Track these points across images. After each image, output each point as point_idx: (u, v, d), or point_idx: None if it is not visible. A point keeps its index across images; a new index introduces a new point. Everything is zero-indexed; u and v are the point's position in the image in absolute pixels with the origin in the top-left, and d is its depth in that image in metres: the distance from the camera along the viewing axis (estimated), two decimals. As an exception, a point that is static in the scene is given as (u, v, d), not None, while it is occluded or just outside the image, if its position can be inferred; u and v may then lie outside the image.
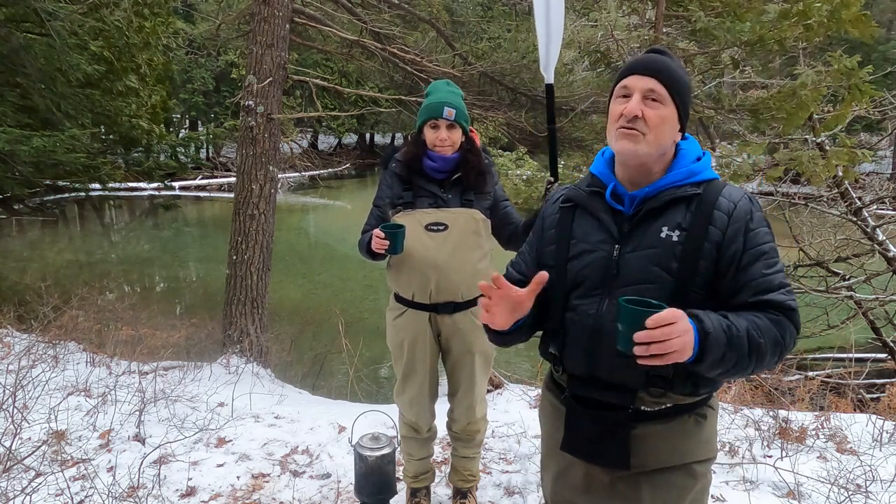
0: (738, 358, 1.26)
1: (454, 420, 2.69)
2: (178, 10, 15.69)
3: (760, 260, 1.35)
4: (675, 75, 1.40)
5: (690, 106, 1.45)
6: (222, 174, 24.11)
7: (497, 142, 10.70)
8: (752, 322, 1.30)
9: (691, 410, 1.44)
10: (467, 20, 8.83)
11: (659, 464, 1.43)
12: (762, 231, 1.37)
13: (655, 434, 1.41)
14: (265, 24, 5.39)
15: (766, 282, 1.34)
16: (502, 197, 2.58)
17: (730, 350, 1.25)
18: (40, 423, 3.46)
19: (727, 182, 1.44)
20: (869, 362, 6.06)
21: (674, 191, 1.39)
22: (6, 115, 7.83)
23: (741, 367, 1.28)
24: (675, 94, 1.39)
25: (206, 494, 2.97)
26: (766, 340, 1.28)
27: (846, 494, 2.74)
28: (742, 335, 1.27)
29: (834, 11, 4.75)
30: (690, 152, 1.44)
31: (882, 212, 8.77)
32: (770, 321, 1.31)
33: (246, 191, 5.48)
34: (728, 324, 1.27)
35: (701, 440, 1.46)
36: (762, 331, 1.29)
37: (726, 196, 1.38)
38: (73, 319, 5.56)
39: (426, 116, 2.39)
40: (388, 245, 2.24)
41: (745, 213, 1.37)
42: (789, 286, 1.36)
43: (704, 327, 1.24)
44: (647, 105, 1.37)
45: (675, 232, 1.36)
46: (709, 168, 1.44)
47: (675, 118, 1.40)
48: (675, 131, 1.41)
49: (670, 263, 1.36)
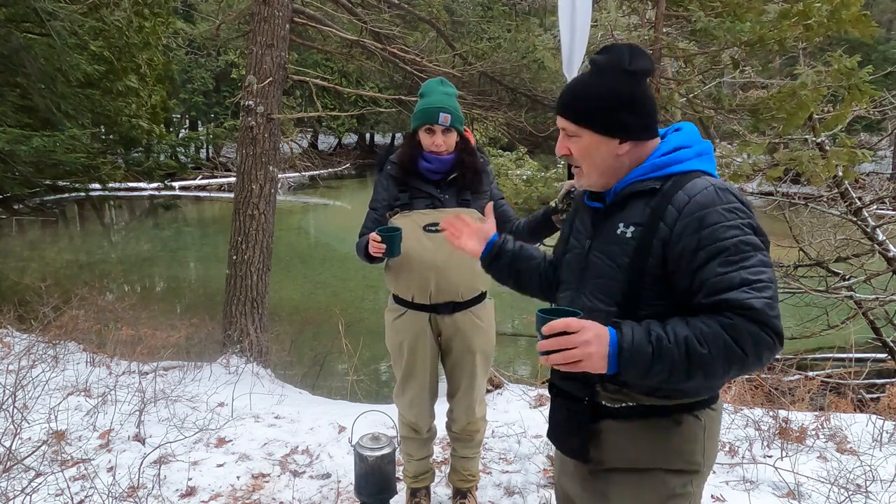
0: (670, 370, 1.21)
1: (454, 420, 2.69)
2: (178, 10, 15.69)
3: (718, 257, 1.24)
4: (578, 103, 1.39)
5: (622, 111, 1.36)
6: (222, 174, 24.09)
7: (497, 142, 10.72)
8: (698, 329, 1.21)
9: (663, 414, 1.38)
10: (467, 20, 8.83)
11: (628, 463, 1.42)
12: (723, 226, 1.26)
13: (621, 431, 1.41)
14: (265, 24, 5.39)
15: (723, 280, 1.23)
16: (498, 196, 2.58)
17: (658, 362, 1.21)
18: (40, 423, 3.46)
19: (705, 176, 1.35)
20: (869, 362, 6.06)
21: (634, 185, 1.38)
22: (6, 115, 7.83)
23: (678, 378, 1.22)
24: (584, 122, 1.38)
25: (206, 494, 2.97)
26: (712, 349, 1.19)
27: (846, 494, 2.74)
28: (674, 346, 1.20)
29: (834, 11, 4.75)
30: (667, 144, 1.40)
31: (882, 212, 8.77)
32: (722, 326, 1.20)
33: (246, 191, 5.48)
34: (660, 335, 1.22)
35: (671, 447, 1.39)
36: (707, 339, 1.20)
37: (686, 190, 1.31)
38: (73, 319, 5.56)
39: (422, 121, 2.39)
40: (385, 248, 2.24)
41: (700, 208, 1.28)
42: (759, 283, 1.22)
43: (622, 340, 1.22)
44: (570, 141, 1.42)
45: (629, 228, 1.36)
46: (687, 160, 1.37)
47: (598, 140, 1.38)
48: (612, 148, 1.38)
49: (623, 259, 1.36)
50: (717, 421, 1.46)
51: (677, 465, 1.40)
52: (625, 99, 1.36)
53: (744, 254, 1.24)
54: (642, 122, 1.39)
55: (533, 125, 7.54)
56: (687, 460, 1.40)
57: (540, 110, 7.62)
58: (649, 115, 1.40)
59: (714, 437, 1.44)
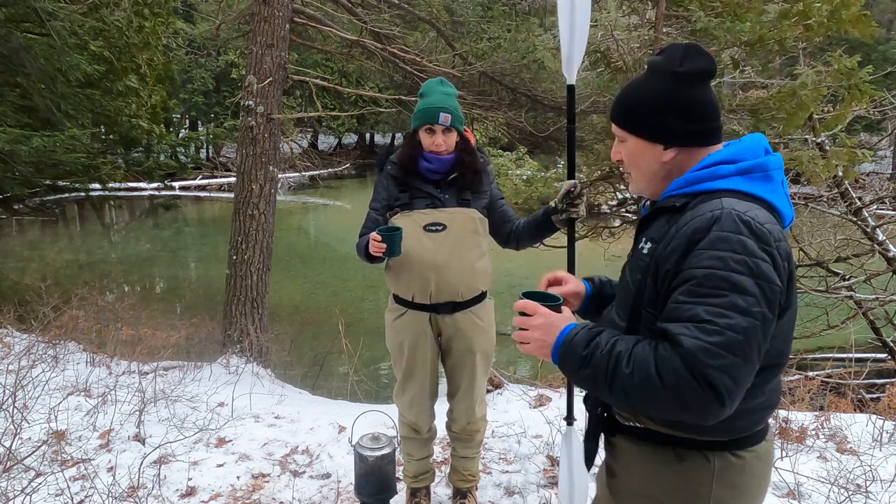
0: (594, 378, 1.20)
1: (454, 420, 2.69)
2: (178, 10, 15.68)
3: (684, 284, 1.16)
4: (625, 108, 1.36)
5: (667, 116, 1.30)
6: (222, 174, 24.08)
7: (497, 142, 10.71)
8: (637, 350, 1.17)
9: (668, 443, 1.30)
10: (467, 20, 8.82)
11: (635, 487, 1.38)
12: (707, 254, 1.15)
13: (632, 453, 1.37)
14: (265, 24, 5.39)
15: (676, 309, 1.16)
16: (498, 195, 2.58)
17: (584, 367, 1.21)
18: (40, 423, 3.46)
19: (733, 198, 1.22)
20: (869, 362, 6.07)
21: (664, 202, 1.33)
22: (6, 115, 7.84)
23: (601, 390, 1.21)
24: (630, 128, 1.35)
25: (206, 494, 2.97)
26: (635, 372, 1.14)
27: (846, 494, 2.74)
28: (604, 357, 1.18)
29: (834, 11, 4.75)
30: (711, 157, 1.30)
31: (882, 212, 8.78)
32: (656, 355, 1.14)
33: (246, 191, 5.48)
34: (599, 343, 1.21)
35: (671, 483, 1.30)
36: (636, 361, 1.15)
37: (697, 212, 1.22)
38: (73, 319, 5.57)
39: (422, 121, 2.39)
40: (386, 248, 2.24)
41: (694, 232, 1.18)
42: (709, 324, 1.11)
43: (567, 336, 1.25)
44: (619, 146, 1.40)
45: (647, 244, 1.31)
46: (723, 177, 1.26)
47: (643, 146, 1.34)
48: (657, 154, 1.33)
49: (636, 276, 1.32)
50: (740, 471, 1.28)
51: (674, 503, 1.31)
52: (671, 103, 1.29)
53: (713, 289, 1.13)
54: (692, 127, 1.30)
55: (533, 125, 7.53)
56: (689, 502, 1.29)
57: (540, 110, 7.61)
58: (702, 121, 1.31)
59: (732, 486, 1.28)
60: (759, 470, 1.31)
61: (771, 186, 1.27)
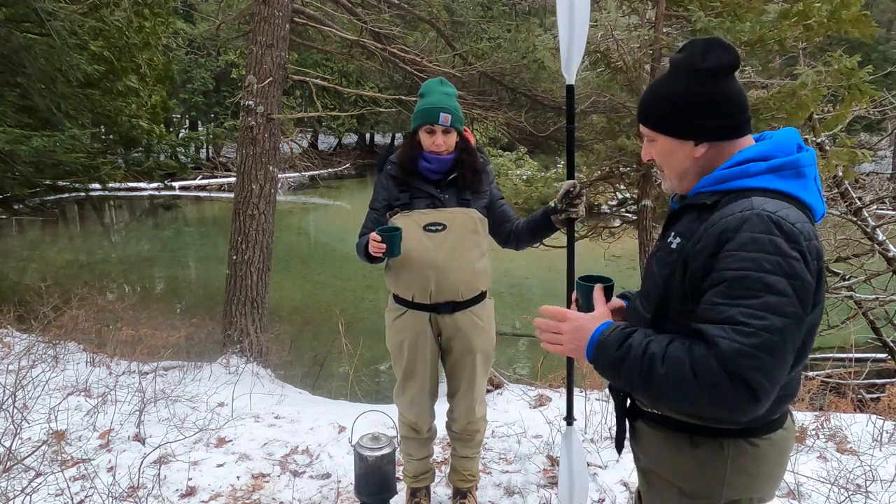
0: (628, 379, 1.24)
1: (454, 420, 2.69)
2: (178, 10, 15.68)
3: (718, 286, 1.18)
4: (652, 108, 1.38)
5: (693, 112, 1.32)
6: (222, 174, 24.08)
7: (497, 142, 10.71)
8: (671, 351, 1.19)
9: (685, 430, 1.34)
10: (467, 20, 8.82)
11: (655, 469, 1.43)
12: (738, 256, 1.16)
13: (652, 437, 1.42)
14: (265, 24, 5.39)
15: (711, 311, 1.18)
16: (498, 195, 2.58)
17: (618, 367, 1.25)
18: (40, 423, 3.46)
19: (764, 197, 1.23)
20: (869, 362, 6.06)
21: (694, 198, 1.33)
22: (6, 115, 7.84)
23: (638, 390, 1.26)
24: (659, 128, 1.36)
25: (206, 494, 2.97)
26: (670, 372, 1.17)
27: (846, 494, 2.74)
28: (638, 359, 1.21)
29: (834, 11, 4.76)
30: (742, 154, 1.30)
31: (882, 212, 8.79)
32: (691, 355, 1.16)
33: (246, 191, 5.48)
34: (632, 345, 1.24)
35: (686, 468, 1.35)
36: (670, 362, 1.18)
37: (727, 211, 1.23)
38: (73, 319, 5.56)
39: (422, 121, 2.39)
40: (386, 248, 2.24)
41: (723, 232, 1.19)
42: (745, 326, 1.12)
43: (598, 339, 1.30)
44: (650, 146, 1.41)
45: (676, 239, 1.32)
46: (754, 175, 1.26)
47: (673, 143, 1.35)
48: (687, 151, 1.34)
49: (665, 270, 1.32)
50: (754, 458, 1.31)
51: (691, 489, 1.35)
52: (698, 99, 1.30)
53: (746, 290, 1.15)
54: (720, 122, 1.31)
55: (533, 125, 7.53)
56: (704, 486, 1.33)
57: (540, 110, 7.62)
58: (730, 114, 1.31)
59: (746, 473, 1.32)
60: (773, 457, 1.33)
61: (802, 183, 1.27)
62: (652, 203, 5.95)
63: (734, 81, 1.32)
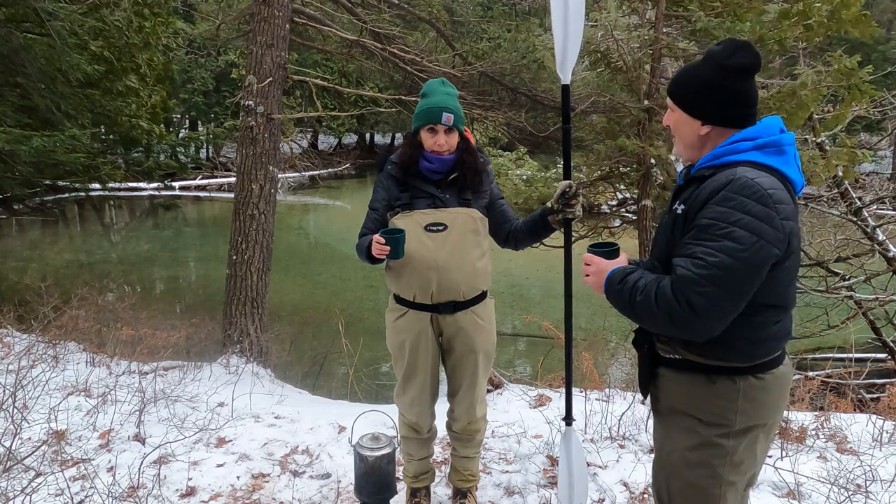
0: (623, 305, 1.58)
1: (454, 420, 2.69)
2: (178, 10, 15.68)
3: (694, 230, 1.47)
4: (677, 83, 1.64)
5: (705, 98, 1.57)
6: (222, 174, 24.06)
7: (497, 142, 10.72)
8: (648, 283, 1.51)
9: (701, 370, 1.59)
10: (467, 20, 8.82)
11: (675, 406, 1.66)
12: (714, 209, 1.43)
13: (672, 380, 1.66)
14: (265, 24, 5.39)
15: (682, 248, 1.48)
16: (498, 195, 2.58)
17: (618, 295, 1.59)
18: (40, 423, 3.46)
19: (749, 167, 1.48)
20: (869, 362, 6.07)
21: (696, 173, 1.58)
22: (6, 115, 7.83)
23: (630, 313, 1.57)
24: (678, 102, 1.63)
25: (206, 494, 2.97)
26: (642, 300, 1.50)
27: (846, 494, 2.74)
28: (629, 289, 1.54)
29: (834, 11, 4.76)
30: (736, 136, 1.54)
31: (882, 212, 8.79)
32: (658, 285, 1.48)
33: (246, 191, 5.48)
34: (627, 279, 1.57)
35: (706, 400, 1.59)
36: (644, 291, 1.50)
37: (716, 178, 1.49)
38: (73, 319, 5.56)
39: (424, 121, 2.39)
40: (389, 250, 2.24)
41: (711, 192, 1.46)
42: (700, 260, 1.41)
43: (610, 277, 1.63)
44: (670, 115, 1.68)
45: (681, 206, 1.56)
46: (742, 151, 1.51)
47: (684, 118, 1.62)
48: (695, 128, 1.60)
49: (669, 232, 1.58)
50: (762, 389, 1.57)
51: (709, 418, 1.59)
52: (712, 88, 1.55)
53: (711, 235, 1.42)
54: (725, 111, 1.56)
55: (533, 125, 7.54)
56: (719, 415, 1.58)
57: (540, 110, 7.61)
58: (736, 107, 1.55)
59: (755, 401, 1.57)
60: (777, 388, 1.61)
61: (784, 159, 1.52)
62: (652, 203, 5.95)
63: (750, 82, 1.56)
